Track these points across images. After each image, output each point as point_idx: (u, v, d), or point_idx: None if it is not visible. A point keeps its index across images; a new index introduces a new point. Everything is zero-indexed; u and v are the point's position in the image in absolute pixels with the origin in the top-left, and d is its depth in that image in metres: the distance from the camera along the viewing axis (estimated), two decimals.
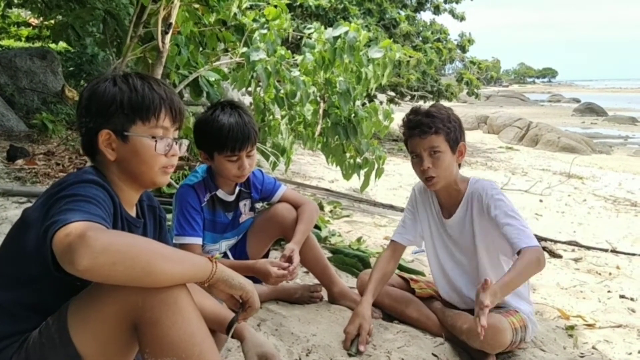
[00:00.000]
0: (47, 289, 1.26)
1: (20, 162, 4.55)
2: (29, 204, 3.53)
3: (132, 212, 1.46)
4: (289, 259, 2.13)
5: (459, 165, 2.23)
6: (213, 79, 3.96)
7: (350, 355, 2.01)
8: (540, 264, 1.97)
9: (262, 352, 1.64)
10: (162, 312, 1.18)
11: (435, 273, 2.38)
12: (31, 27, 9.34)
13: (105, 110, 1.35)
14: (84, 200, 1.19)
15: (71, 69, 7.35)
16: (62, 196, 1.20)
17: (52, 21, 6.07)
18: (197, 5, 3.79)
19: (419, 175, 2.21)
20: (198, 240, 2.18)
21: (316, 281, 2.52)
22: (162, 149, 1.39)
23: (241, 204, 2.37)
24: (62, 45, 7.56)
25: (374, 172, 4.46)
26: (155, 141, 1.38)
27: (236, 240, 2.42)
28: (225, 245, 2.38)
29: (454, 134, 2.14)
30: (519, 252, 1.98)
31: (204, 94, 3.95)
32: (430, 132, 2.10)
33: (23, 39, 9.36)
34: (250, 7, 4.42)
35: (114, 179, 1.39)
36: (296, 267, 2.15)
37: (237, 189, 2.34)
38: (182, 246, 2.12)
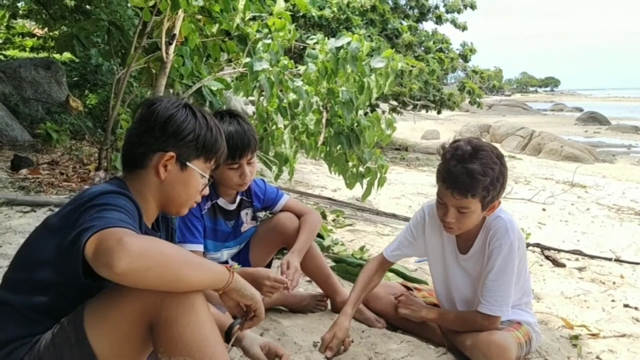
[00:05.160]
0: (62, 295, 1.29)
1: (24, 171, 4.58)
2: (33, 213, 3.57)
3: (150, 225, 1.51)
4: (284, 271, 2.09)
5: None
6: (216, 88, 3.99)
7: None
8: (476, 327, 2.06)
9: (264, 342, 1.68)
10: (179, 312, 1.22)
11: (438, 287, 2.35)
12: (36, 38, 9.41)
13: (182, 137, 1.43)
14: (114, 209, 1.23)
15: (75, 79, 7.39)
16: (92, 205, 1.24)
17: (57, 32, 6.13)
18: (200, 17, 3.83)
19: (439, 218, 2.07)
20: (199, 247, 2.18)
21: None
22: (203, 190, 1.53)
23: (242, 212, 2.37)
24: (66, 55, 7.61)
25: (376, 181, 4.47)
26: (209, 181, 1.54)
27: (238, 249, 2.42)
28: (227, 253, 2.38)
29: (492, 196, 1.92)
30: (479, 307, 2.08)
31: (207, 103, 3.98)
32: (465, 196, 1.89)
33: (27, 49, 9.42)
34: (253, 18, 4.45)
35: (146, 194, 1.44)
36: (295, 275, 2.09)
37: (239, 198, 2.34)
38: None
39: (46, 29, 7.59)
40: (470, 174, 1.86)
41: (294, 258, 2.16)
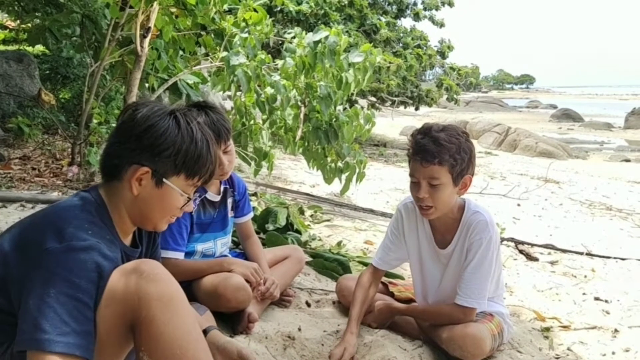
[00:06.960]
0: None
1: None
2: (4, 209, 3.48)
3: (129, 240, 1.43)
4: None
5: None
6: (192, 82, 3.95)
7: None
8: (452, 320, 2.11)
9: (239, 350, 1.66)
10: (158, 309, 1.19)
11: (416, 282, 2.37)
12: (7, 30, 9.17)
13: (160, 151, 1.30)
14: (67, 299, 1.11)
15: (47, 72, 7.22)
16: (47, 269, 1.13)
17: (29, 24, 5.98)
18: (174, 9, 3.78)
19: (414, 200, 2.10)
20: (180, 255, 2.20)
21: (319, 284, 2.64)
22: (185, 206, 1.40)
23: (228, 201, 2.43)
24: (38, 48, 7.44)
25: (355, 176, 4.48)
26: (188, 199, 1.39)
27: (228, 239, 2.45)
28: (220, 243, 2.40)
29: (460, 166, 1.99)
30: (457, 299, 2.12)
31: (184, 97, 3.94)
32: (432, 162, 1.95)
33: None
34: (229, 11, 4.41)
35: (121, 208, 1.35)
36: (273, 286, 2.30)
37: (222, 187, 2.39)
38: (163, 259, 2.13)
39: (18, 21, 7.40)
40: (435, 141, 1.96)
41: (269, 278, 2.33)
